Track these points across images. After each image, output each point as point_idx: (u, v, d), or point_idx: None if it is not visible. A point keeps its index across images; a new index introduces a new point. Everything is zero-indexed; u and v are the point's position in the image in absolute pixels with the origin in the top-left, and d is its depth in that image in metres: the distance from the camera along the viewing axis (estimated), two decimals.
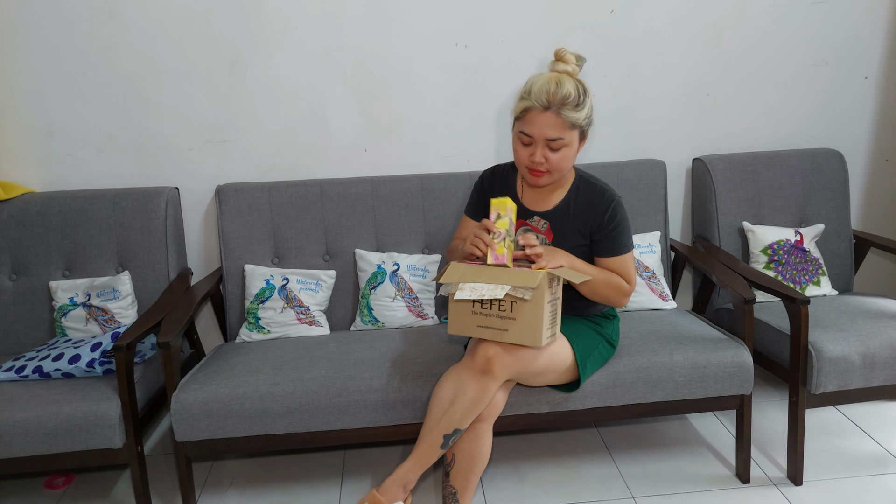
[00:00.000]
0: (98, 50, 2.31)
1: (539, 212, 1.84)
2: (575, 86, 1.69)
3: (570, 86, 1.68)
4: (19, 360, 1.98)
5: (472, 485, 1.76)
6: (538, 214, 1.84)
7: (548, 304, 1.56)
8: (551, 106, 1.67)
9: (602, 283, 1.76)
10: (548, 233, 1.82)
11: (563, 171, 1.76)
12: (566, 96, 1.66)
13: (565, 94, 1.66)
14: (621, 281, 1.79)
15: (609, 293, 1.78)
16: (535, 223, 1.84)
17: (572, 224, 1.80)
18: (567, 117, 1.67)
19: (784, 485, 2.00)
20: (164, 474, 2.18)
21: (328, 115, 2.44)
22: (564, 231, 1.81)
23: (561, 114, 1.67)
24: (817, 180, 2.46)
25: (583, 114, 1.70)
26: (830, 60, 2.55)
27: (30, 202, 2.27)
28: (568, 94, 1.67)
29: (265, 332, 2.21)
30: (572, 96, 1.67)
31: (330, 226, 2.34)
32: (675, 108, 2.55)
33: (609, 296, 1.78)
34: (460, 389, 1.69)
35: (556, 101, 1.66)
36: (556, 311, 1.64)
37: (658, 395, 1.90)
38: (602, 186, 1.82)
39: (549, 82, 1.68)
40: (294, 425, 1.84)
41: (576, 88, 1.69)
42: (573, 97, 1.67)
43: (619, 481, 2.05)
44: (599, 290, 1.77)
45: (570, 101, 1.67)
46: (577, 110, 1.68)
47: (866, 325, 2.00)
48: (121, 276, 2.21)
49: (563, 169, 1.75)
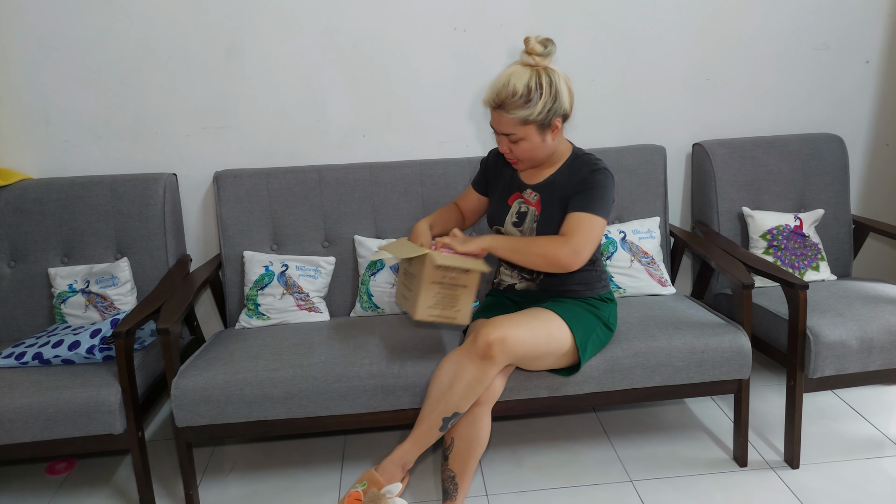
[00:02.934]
0: (94, 35, 2.29)
1: (531, 185, 1.88)
2: (527, 82, 1.68)
3: (520, 83, 1.68)
4: (19, 347, 1.99)
5: (471, 468, 1.77)
6: (531, 187, 1.88)
7: (432, 284, 1.70)
8: (498, 105, 1.71)
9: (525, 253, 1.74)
10: (537, 205, 1.85)
11: (535, 159, 1.80)
12: (511, 94, 1.68)
13: (511, 92, 1.68)
14: (550, 247, 1.72)
15: (535, 261, 1.74)
16: (527, 195, 1.87)
17: (559, 195, 1.82)
18: (515, 115, 1.69)
19: (781, 468, 2.02)
20: (164, 460, 2.19)
21: (326, 100, 2.43)
22: (551, 203, 1.82)
23: (508, 113, 1.70)
24: (817, 165, 2.45)
25: (534, 109, 1.69)
26: (831, 44, 2.54)
27: (27, 189, 2.27)
28: (514, 92, 1.68)
29: (265, 318, 2.21)
30: (519, 94, 1.68)
31: (329, 212, 2.34)
32: (676, 92, 2.54)
33: (538, 264, 1.75)
34: (459, 373, 1.71)
35: (502, 100, 1.69)
36: (456, 295, 1.74)
37: (656, 379, 1.91)
38: (593, 160, 1.82)
39: (501, 79, 1.70)
40: (294, 411, 1.85)
41: (526, 85, 1.68)
42: (520, 95, 1.68)
43: (618, 465, 2.07)
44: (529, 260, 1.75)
45: (515, 99, 1.68)
46: (525, 108, 1.69)
47: (864, 309, 2.00)
48: (119, 263, 2.21)
49: (535, 157, 1.79)
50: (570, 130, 2.52)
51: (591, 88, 2.50)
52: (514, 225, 1.89)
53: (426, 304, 1.73)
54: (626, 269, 2.29)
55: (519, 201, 1.89)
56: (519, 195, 1.89)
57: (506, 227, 1.92)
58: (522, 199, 1.88)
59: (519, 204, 1.89)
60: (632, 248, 2.30)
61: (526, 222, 1.87)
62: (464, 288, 1.75)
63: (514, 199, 1.90)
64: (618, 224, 2.37)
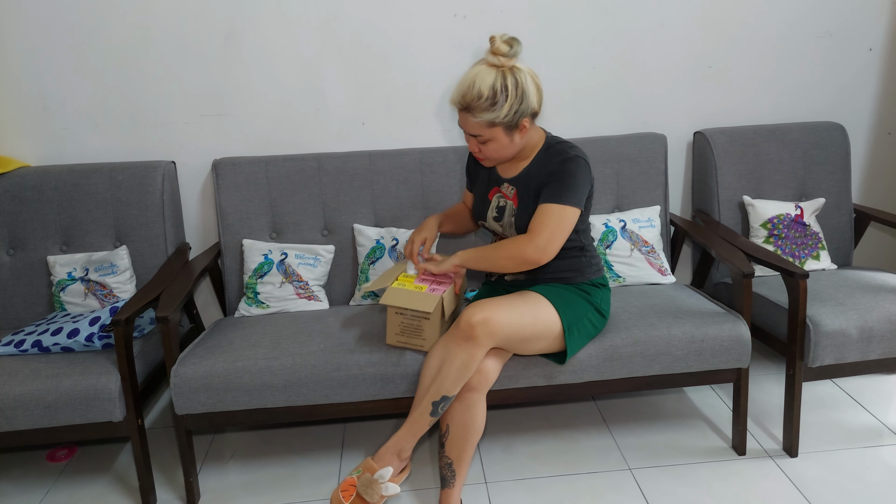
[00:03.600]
0: (92, 23, 2.28)
1: (508, 178, 1.87)
2: (492, 84, 1.65)
3: (485, 85, 1.65)
4: (18, 335, 1.99)
5: (468, 455, 1.78)
6: (507, 181, 1.87)
7: (396, 315, 1.84)
8: (464, 107, 1.70)
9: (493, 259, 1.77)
10: (514, 198, 1.84)
11: (503, 157, 1.79)
12: (477, 97, 1.66)
13: (476, 95, 1.66)
14: (515, 248, 1.73)
15: (505, 264, 1.76)
16: (505, 189, 1.87)
17: (533, 187, 1.81)
18: (481, 118, 1.68)
19: (779, 457, 2.02)
20: (165, 447, 2.20)
21: (325, 88, 2.41)
22: (527, 195, 1.82)
23: (475, 115, 1.68)
24: (818, 154, 2.44)
25: (500, 112, 1.67)
26: (834, 32, 2.52)
27: (25, 176, 2.26)
28: (479, 95, 1.66)
29: (264, 306, 2.21)
30: (484, 97, 1.66)
31: (328, 200, 2.33)
32: (677, 80, 2.52)
33: (509, 266, 1.76)
34: (447, 357, 1.72)
35: (467, 103, 1.68)
36: (420, 326, 1.82)
37: (656, 368, 1.91)
38: (564, 149, 1.78)
39: (466, 81, 1.68)
40: (293, 399, 1.85)
41: (491, 87, 1.65)
42: (485, 98, 1.66)
43: (616, 453, 2.07)
44: (499, 265, 1.77)
45: (481, 102, 1.66)
46: (491, 110, 1.67)
47: (864, 299, 2.00)
48: (118, 251, 2.20)
49: (503, 155, 1.79)
50: (571, 119, 2.51)
51: (591, 76, 2.48)
52: (495, 219, 1.89)
53: (393, 332, 1.86)
54: (626, 257, 2.28)
55: (498, 195, 1.88)
56: (497, 189, 1.89)
57: (488, 222, 1.92)
58: (500, 193, 1.88)
59: (498, 198, 1.88)
60: (632, 236, 2.30)
61: (505, 216, 1.86)
62: (426, 319, 1.80)
63: (494, 194, 1.90)
64: (618, 213, 2.37)
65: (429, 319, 1.80)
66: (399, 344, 1.87)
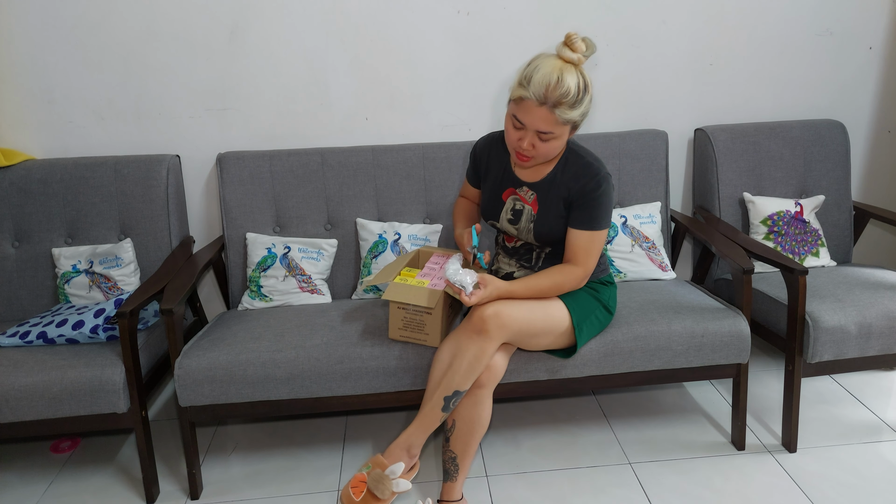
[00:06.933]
0: (97, 16, 2.29)
1: (528, 182, 1.84)
2: (577, 82, 1.61)
3: (571, 82, 1.60)
4: (23, 326, 2.00)
5: (472, 450, 1.79)
6: (527, 185, 1.84)
7: (398, 310, 1.85)
8: (547, 102, 1.60)
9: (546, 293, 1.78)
10: (534, 204, 1.82)
11: (549, 157, 1.74)
12: (564, 94, 1.59)
13: (564, 91, 1.59)
14: (566, 282, 1.78)
15: (554, 292, 1.80)
16: (523, 193, 1.84)
17: (556, 194, 1.79)
18: (561, 115, 1.62)
19: (778, 452, 2.04)
20: (168, 439, 2.21)
21: (329, 82, 2.42)
22: (549, 202, 1.80)
23: (555, 112, 1.61)
24: (819, 151, 2.45)
25: (579, 111, 1.64)
26: (835, 30, 2.53)
27: (31, 169, 2.27)
28: (567, 91, 1.59)
29: (267, 300, 2.22)
30: (571, 94, 1.60)
31: (331, 195, 2.34)
32: (678, 77, 2.53)
33: (554, 292, 1.80)
34: (458, 352, 1.72)
35: (553, 99, 1.60)
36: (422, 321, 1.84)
37: (656, 363, 1.92)
38: (590, 161, 1.77)
39: (551, 75, 1.59)
40: (296, 391, 1.86)
41: (577, 85, 1.61)
42: (572, 95, 1.60)
43: (616, 448, 2.09)
44: (545, 293, 1.79)
45: (567, 99, 1.60)
46: (573, 109, 1.62)
47: (863, 295, 2.01)
48: (123, 244, 2.21)
49: (550, 155, 1.73)
50: None
51: (593, 73, 2.49)
52: (510, 222, 1.87)
53: (396, 327, 1.88)
54: (626, 253, 2.29)
55: (513, 198, 1.85)
56: (513, 191, 1.85)
57: (501, 224, 1.90)
58: (517, 196, 1.85)
59: (514, 201, 1.85)
60: (633, 232, 2.31)
61: (522, 221, 1.84)
62: (428, 315, 1.82)
63: (508, 195, 1.86)
64: (619, 209, 2.38)
65: (431, 314, 1.82)
66: (402, 338, 1.88)
